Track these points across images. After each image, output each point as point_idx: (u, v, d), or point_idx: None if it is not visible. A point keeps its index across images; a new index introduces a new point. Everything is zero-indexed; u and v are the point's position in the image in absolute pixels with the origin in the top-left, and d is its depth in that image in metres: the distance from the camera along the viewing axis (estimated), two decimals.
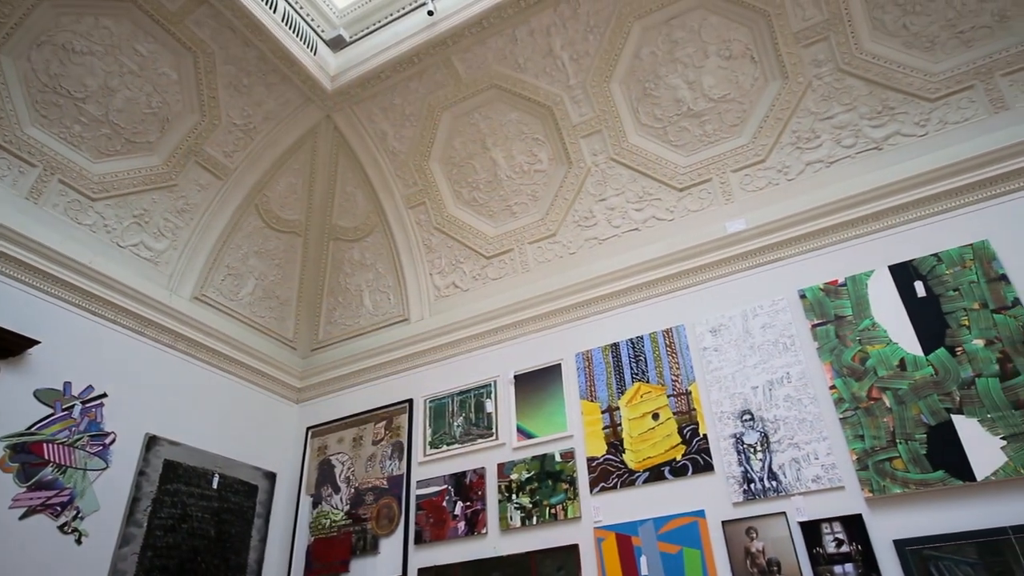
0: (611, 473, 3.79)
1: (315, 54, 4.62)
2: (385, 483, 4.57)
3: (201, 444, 4.41)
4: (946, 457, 2.99)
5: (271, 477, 4.87)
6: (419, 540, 4.22)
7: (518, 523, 3.93)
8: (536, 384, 4.35)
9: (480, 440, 4.37)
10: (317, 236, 5.42)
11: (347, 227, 5.39)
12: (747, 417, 3.54)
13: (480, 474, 4.22)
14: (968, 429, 3.00)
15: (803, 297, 3.69)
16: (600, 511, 3.73)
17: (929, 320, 3.31)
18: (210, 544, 4.23)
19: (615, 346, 4.18)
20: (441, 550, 4.13)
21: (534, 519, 3.90)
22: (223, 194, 4.77)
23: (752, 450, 3.44)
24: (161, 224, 4.50)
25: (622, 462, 3.79)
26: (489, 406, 4.45)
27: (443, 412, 4.62)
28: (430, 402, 4.72)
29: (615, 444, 3.86)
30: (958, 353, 3.17)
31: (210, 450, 4.45)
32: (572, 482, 3.89)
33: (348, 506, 4.64)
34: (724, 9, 4.09)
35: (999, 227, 3.37)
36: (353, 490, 4.68)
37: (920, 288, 3.40)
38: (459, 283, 5.06)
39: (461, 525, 4.12)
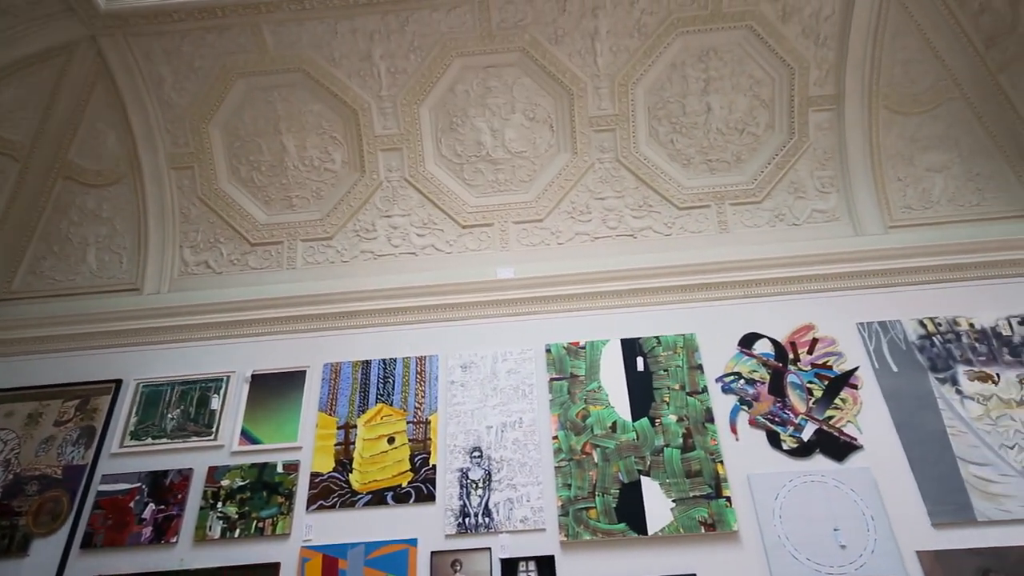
0: (333, 492, 3.67)
1: None
2: (59, 473, 3.86)
3: None
4: (630, 512, 3.45)
5: None
6: (88, 544, 3.61)
7: (217, 534, 3.59)
8: (274, 388, 4.07)
9: (195, 438, 3.93)
10: (42, 168, 4.51)
11: (86, 168, 4.58)
12: (476, 454, 3.71)
13: (186, 476, 3.79)
14: (651, 490, 3.51)
15: (548, 351, 4.04)
16: (313, 530, 3.57)
17: (641, 392, 3.83)
18: None
19: (367, 363, 4.11)
20: (114, 558, 3.59)
21: (237, 532, 3.60)
22: None
23: (474, 486, 3.61)
24: None
25: (347, 482, 3.70)
26: (215, 402, 4.05)
27: (158, 401, 4.08)
28: (144, 387, 4.14)
29: (344, 462, 3.77)
30: (656, 424, 3.71)
31: None
32: (289, 496, 3.68)
33: None
34: (537, 75, 4.41)
35: (704, 325, 4.07)
36: (12, 476, 3.87)
37: (640, 363, 3.94)
38: (213, 263, 4.59)
39: (147, 531, 3.64)
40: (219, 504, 3.69)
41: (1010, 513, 3.26)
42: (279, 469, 3.78)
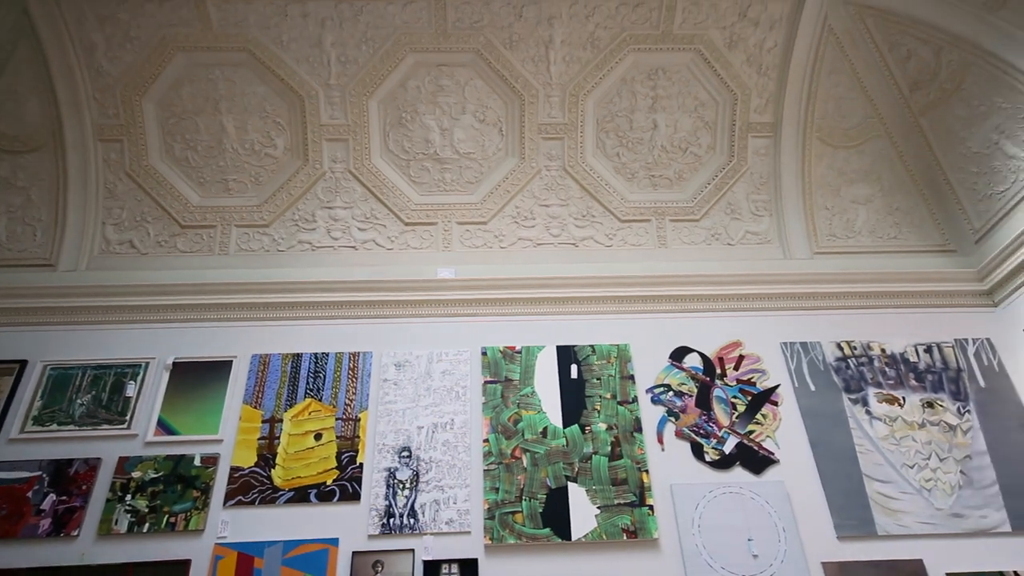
0: (253, 487, 3.55)
1: None
2: None
3: None
4: (556, 517, 3.48)
5: None
6: None
7: (124, 528, 3.41)
8: (197, 377, 3.90)
9: (106, 426, 3.72)
10: None
11: (1, 132, 4.27)
12: (405, 454, 3.67)
13: (93, 466, 3.58)
14: (577, 496, 3.55)
15: (484, 354, 4.03)
16: (229, 526, 3.44)
17: (574, 399, 3.88)
18: None
19: (298, 356, 4.00)
20: (6, 551, 3.34)
21: (146, 526, 3.42)
22: None
23: (401, 486, 3.56)
24: None
25: (268, 477, 3.58)
26: (131, 389, 3.84)
27: (67, 385, 3.84)
28: (52, 370, 3.89)
29: (267, 457, 3.65)
30: (586, 431, 3.77)
31: None
32: (206, 491, 3.53)
33: None
34: (490, 78, 4.42)
35: (638, 337, 4.16)
36: None
37: (574, 371, 3.99)
38: (138, 243, 4.36)
39: (45, 523, 3.41)
40: (128, 496, 3.50)
41: (907, 528, 3.48)
42: (196, 462, 3.62)
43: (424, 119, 4.48)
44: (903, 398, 3.94)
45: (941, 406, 3.91)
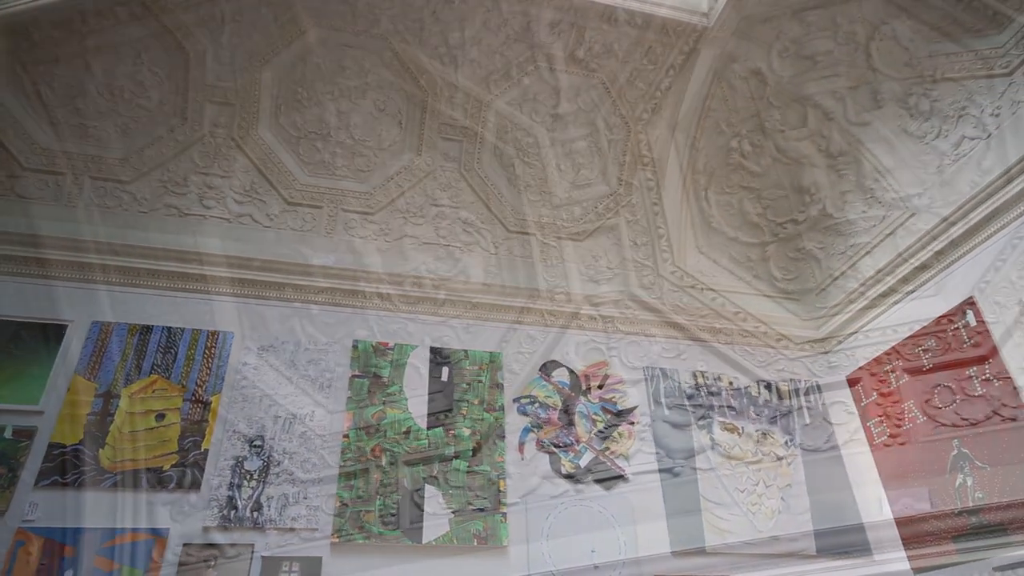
0: (75, 467, 3.19)
1: None
2: None
3: None
4: (409, 519, 3.44)
5: None
6: None
7: None
8: (20, 339, 3.46)
9: None
10: None
11: None
12: (257, 443, 3.46)
13: None
14: (432, 499, 3.53)
15: (355, 347, 3.91)
16: (38, 510, 3.07)
17: (441, 401, 3.87)
18: None
19: (148, 328, 3.66)
20: None
21: None
22: None
23: (249, 476, 3.35)
24: None
25: (95, 458, 3.24)
26: None
27: None
28: None
29: (96, 435, 3.29)
30: (450, 434, 3.76)
31: None
32: (15, 468, 3.12)
33: None
34: (395, 68, 4.33)
35: (512, 347, 4.24)
36: None
37: (445, 373, 3.97)
38: None
39: None
40: None
41: (731, 547, 3.78)
42: (7, 434, 3.21)
43: (321, 98, 4.30)
44: (742, 428, 4.29)
45: (773, 438, 4.30)
